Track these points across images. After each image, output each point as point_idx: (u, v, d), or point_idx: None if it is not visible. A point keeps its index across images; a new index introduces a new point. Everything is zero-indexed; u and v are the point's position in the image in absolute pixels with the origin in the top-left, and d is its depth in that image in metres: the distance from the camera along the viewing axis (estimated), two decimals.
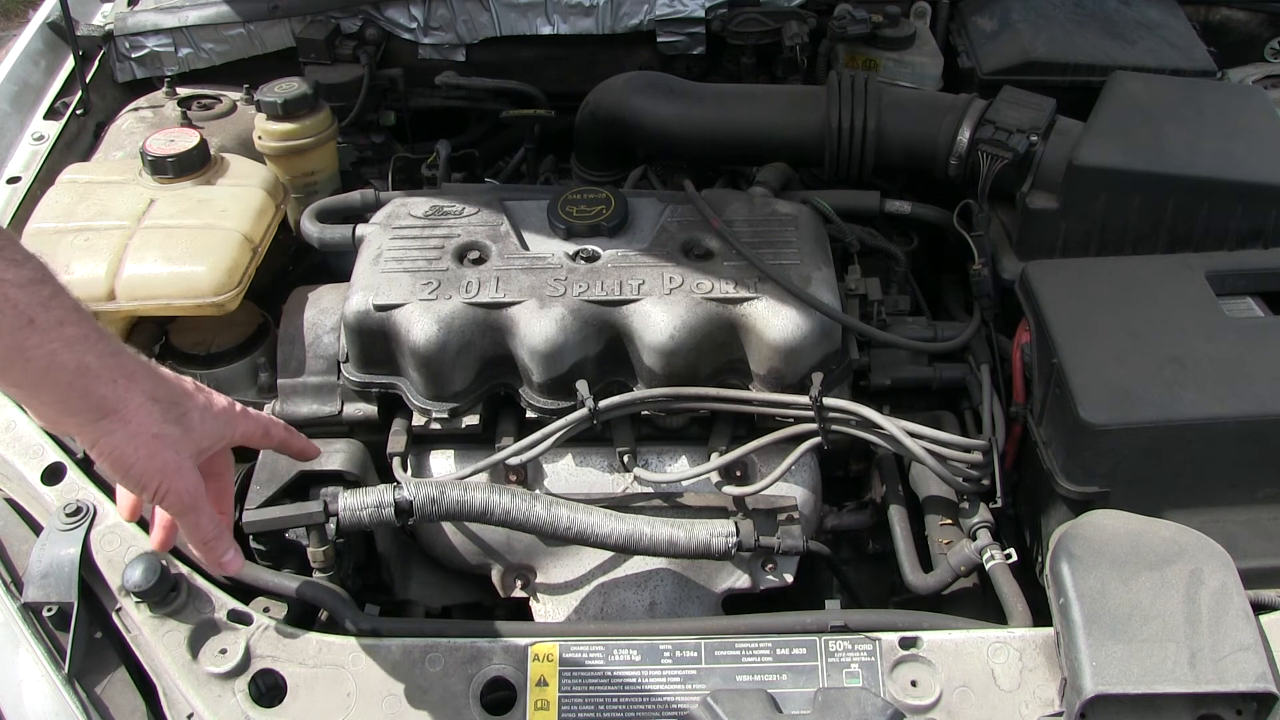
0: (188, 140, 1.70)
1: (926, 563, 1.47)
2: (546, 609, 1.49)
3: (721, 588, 1.49)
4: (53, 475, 1.40)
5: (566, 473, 1.53)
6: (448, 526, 1.52)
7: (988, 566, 1.39)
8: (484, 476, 1.48)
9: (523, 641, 1.25)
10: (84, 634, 1.30)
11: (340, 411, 1.56)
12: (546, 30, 2.20)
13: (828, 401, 1.44)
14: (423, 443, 1.55)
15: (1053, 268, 1.52)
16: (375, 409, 1.56)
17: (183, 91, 2.11)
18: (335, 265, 1.76)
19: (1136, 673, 1.13)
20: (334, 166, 1.97)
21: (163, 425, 1.01)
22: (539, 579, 1.51)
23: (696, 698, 1.20)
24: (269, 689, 1.23)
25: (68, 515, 1.33)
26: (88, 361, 0.96)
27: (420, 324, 1.43)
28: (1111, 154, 1.59)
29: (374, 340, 1.48)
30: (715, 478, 1.50)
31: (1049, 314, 1.41)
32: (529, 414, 1.50)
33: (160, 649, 1.24)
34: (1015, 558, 1.39)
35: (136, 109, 2.06)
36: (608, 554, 1.48)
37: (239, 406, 1.14)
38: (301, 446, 1.25)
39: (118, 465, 0.99)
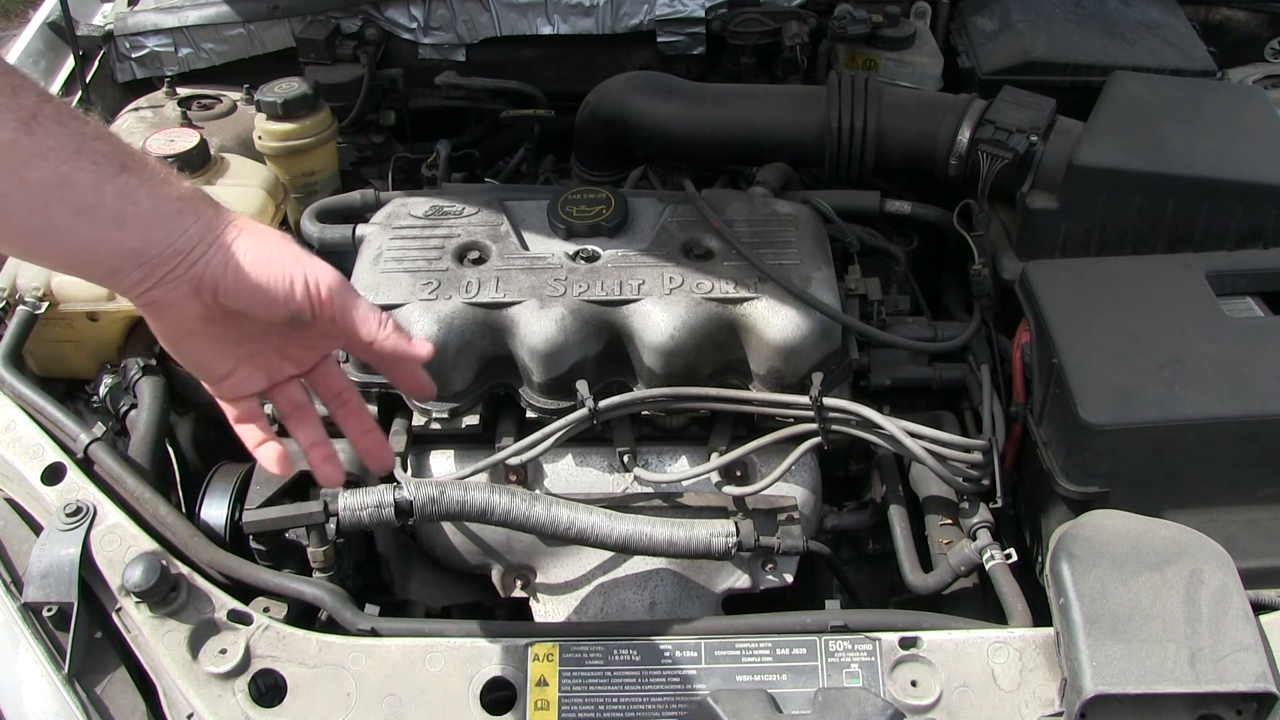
0: (188, 140, 1.70)
1: (926, 563, 1.47)
2: (546, 609, 1.49)
3: (721, 588, 1.49)
4: (53, 475, 1.40)
5: (566, 473, 1.53)
6: (448, 526, 1.52)
7: (988, 566, 1.39)
8: (484, 476, 1.48)
9: (523, 641, 1.25)
10: (84, 634, 1.30)
11: None
12: (546, 30, 2.20)
13: (828, 401, 1.44)
14: (423, 443, 1.55)
15: (1053, 268, 1.52)
16: (375, 409, 1.56)
17: (183, 91, 2.11)
18: (335, 265, 1.74)
19: (1136, 673, 1.13)
20: (334, 166, 1.98)
21: (277, 231, 0.98)
22: (539, 579, 1.51)
23: (696, 698, 1.20)
24: (269, 689, 1.23)
25: (68, 515, 1.33)
26: (187, 189, 0.95)
27: (420, 324, 1.43)
28: (1111, 154, 1.59)
29: None
30: (715, 478, 1.50)
31: (1049, 314, 1.41)
32: (529, 414, 1.50)
33: (160, 649, 1.24)
34: (1015, 558, 1.39)
35: (136, 109, 2.06)
36: (608, 554, 1.48)
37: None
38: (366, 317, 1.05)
39: (253, 263, 0.93)
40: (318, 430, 1.09)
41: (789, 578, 1.49)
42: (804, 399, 1.44)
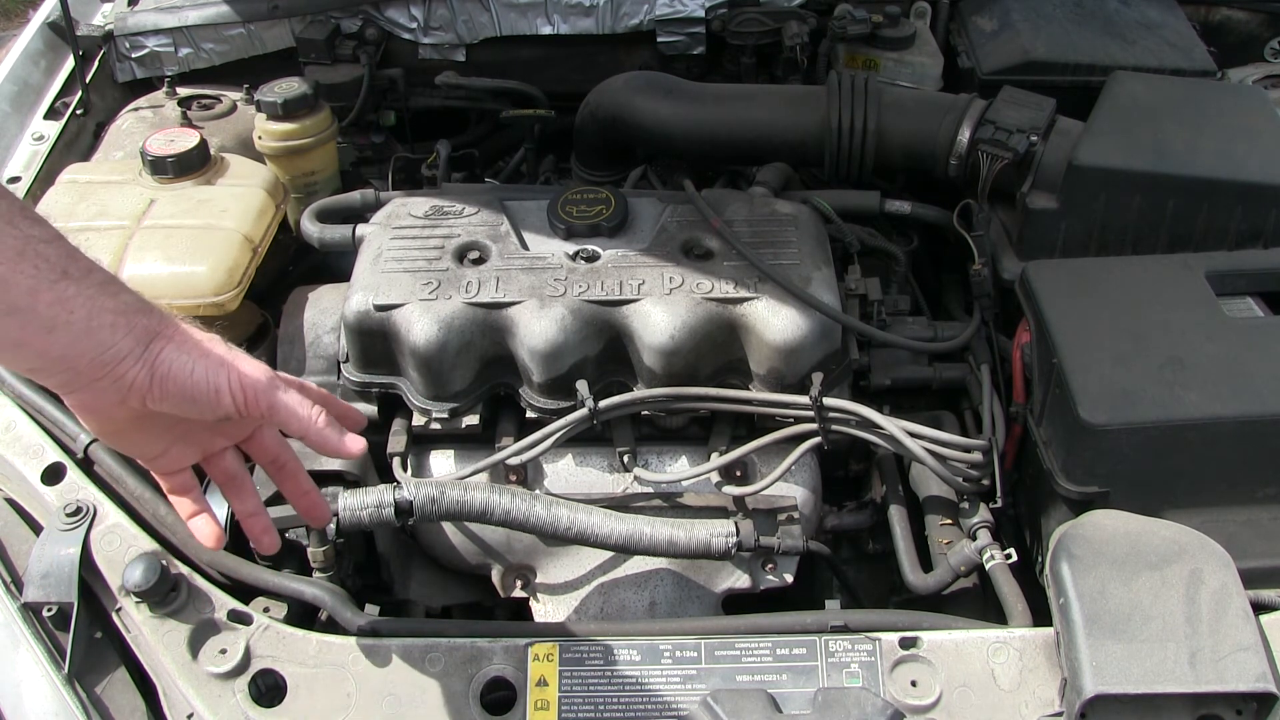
0: (188, 140, 1.70)
1: (926, 563, 1.47)
2: (546, 609, 1.49)
3: (721, 588, 1.49)
4: (53, 475, 1.40)
5: (566, 473, 1.53)
6: (448, 526, 1.52)
7: (988, 566, 1.39)
8: (484, 476, 1.48)
9: (523, 641, 1.25)
10: (84, 634, 1.30)
11: None
12: (546, 30, 2.20)
13: (828, 401, 1.44)
14: (423, 443, 1.55)
15: (1053, 268, 1.52)
16: (375, 409, 1.56)
17: (183, 91, 2.11)
18: (335, 265, 1.76)
19: (1136, 673, 1.13)
20: (334, 166, 1.98)
21: (206, 335, 0.99)
22: (539, 579, 1.51)
23: (696, 698, 1.20)
24: (269, 689, 1.23)
25: (68, 515, 1.33)
26: (125, 299, 0.94)
27: (420, 324, 1.43)
28: (1111, 154, 1.59)
29: (374, 340, 1.48)
30: (715, 478, 1.50)
31: (1049, 314, 1.41)
32: (529, 414, 1.50)
33: (160, 649, 1.24)
34: (1015, 558, 1.39)
35: (136, 109, 2.06)
36: (608, 554, 1.48)
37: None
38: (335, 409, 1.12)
39: (178, 376, 0.95)
40: (253, 500, 1.11)
41: (789, 578, 1.49)
42: (804, 399, 1.44)
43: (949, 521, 1.50)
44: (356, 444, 1.05)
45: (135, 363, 0.94)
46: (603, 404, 1.44)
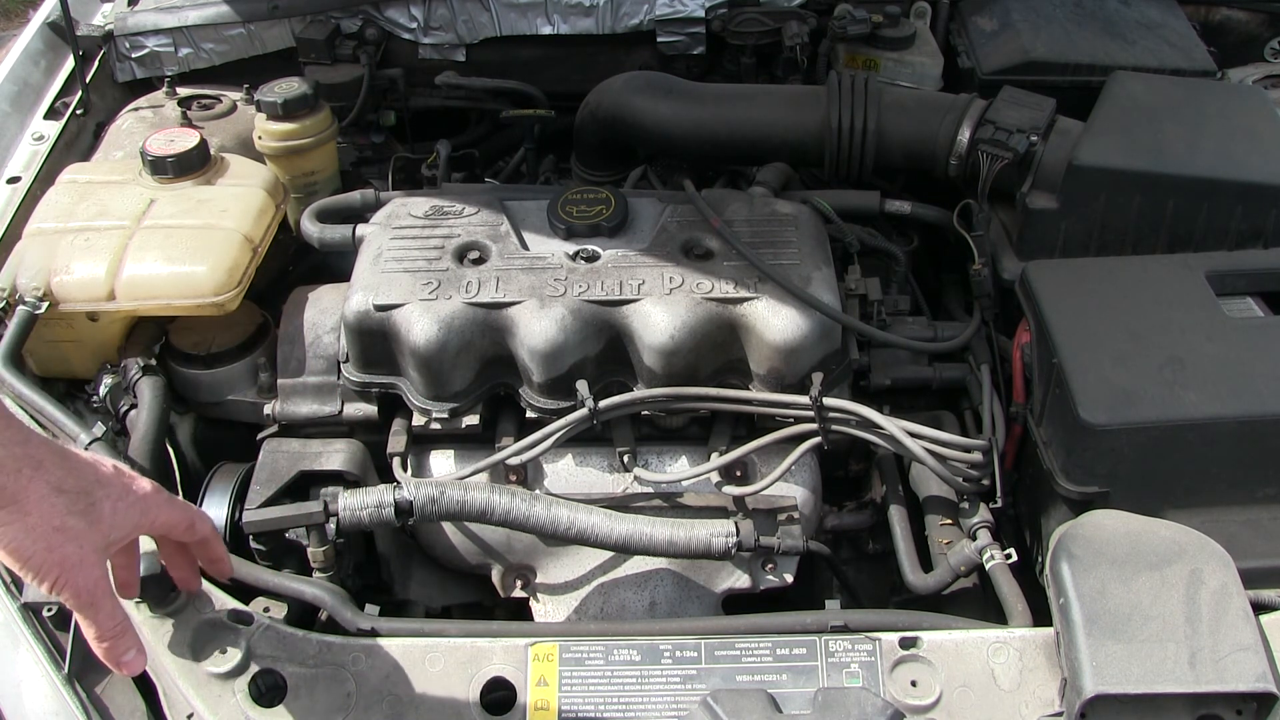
0: (188, 140, 1.70)
1: (926, 563, 1.47)
2: (546, 609, 1.49)
3: (721, 588, 1.49)
4: None
5: (566, 473, 1.53)
6: (448, 526, 1.52)
7: (988, 566, 1.39)
8: (484, 476, 1.48)
9: (523, 641, 1.25)
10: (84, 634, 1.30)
11: (340, 411, 1.56)
12: (546, 30, 2.21)
13: (828, 401, 1.44)
14: (423, 443, 1.55)
15: (1053, 268, 1.52)
16: (375, 409, 1.56)
17: (183, 91, 2.11)
18: (335, 265, 1.76)
19: (1136, 673, 1.13)
20: (334, 166, 1.98)
21: (66, 518, 0.98)
22: (539, 579, 1.51)
23: (696, 698, 1.20)
24: (269, 689, 1.23)
25: None
26: None
27: (420, 324, 1.43)
28: (1111, 154, 1.59)
29: (374, 340, 1.48)
30: (715, 478, 1.50)
31: (1049, 314, 1.41)
32: (529, 414, 1.50)
33: (160, 649, 1.24)
34: (1015, 558, 1.39)
35: (136, 109, 2.06)
36: (608, 554, 1.48)
37: (164, 495, 1.10)
38: (219, 557, 1.20)
39: (15, 557, 0.96)
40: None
41: (789, 578, 1.49)
42: (804, 399, 1.44)
43: (949, 521, 1.50)
44: (133, 667, 1.06)
45: None
46: (603, 404, 1.44)
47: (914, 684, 1.22)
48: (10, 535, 0.95)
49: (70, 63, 2.12)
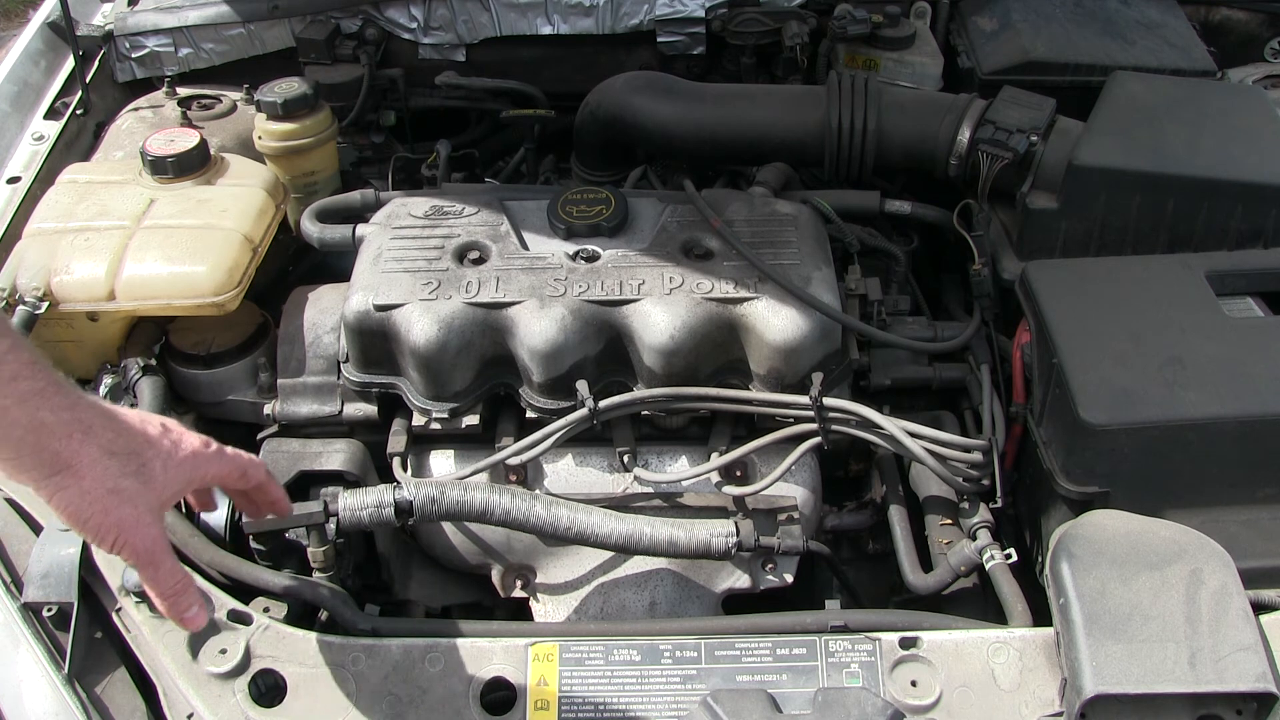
0: (188, 140, 1.70)
1: (926, 563, 1.47)
2: (546, 609, 1.49)
3: (721, 588, 1.49)
4: None
5: (566, 473, 1.53)
6: (448, 526, 1.52)
7: (988, 566, 1.39)
8: (484, 476, 1.48)
9: (523, 641, 1.25)
10: (84, 634, 1.30)
11: (340, 411, 1.56)
12: (546, 30, 2.20)
13: (828, 401, 1.44)
14: (423, 443, 1.55)
15: (1053, 268, 1.52)
16: (375, 409, 1.56)
17: (183, 91, 2.11)
18: (335, 265, 1.76)
19: (1136, 673, 1.13)
20: (334, 166, 1.98)
21: (119, 479, 0.99)
22: (539, 579, 1.51)
23: (696, 698, 1.20)
24: (269, 689, 1.23)
25: None
26: (41, 417, 0.95)
27: (420, 324, 1.43)
28: (1111, 154, 1.59)
29: (374, 340, 1.48)
30: (715, 478, 1.50)
31: (1049, 314, 1.41)
32: (529, 414, 1.50)
33: (160, 649, 1.24)
34: (1015, 558, 1.39)
35: (136, 109, 2.06)
36: (608, 554, 1.48)
37: (214, 447, 1.11)
38: (276, 499, 1.22)
39: (73, 520, 0.98)
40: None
41: (789, 578, 1.49)
42: (804, 399, 1.44)
43: (949, 521, 1.50)
44: (195, 623, 1.08)
45: (45, 485, 0.98)
46: (603, 404, 1.44)
47: (914, 684, 1.22)
48: (67, 499, 0.97)
49: (70, 63, 2.12)
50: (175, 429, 1.08)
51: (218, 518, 1.43)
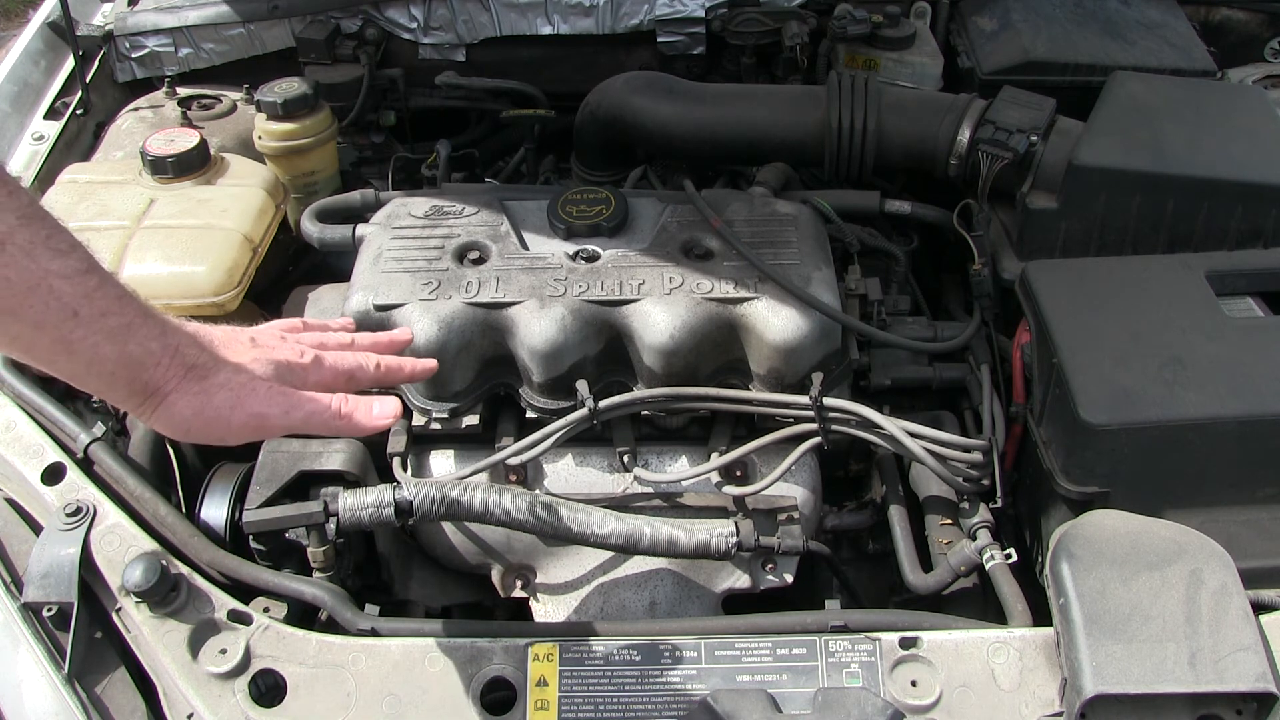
0: (188, 140, 1.70)
1: (926, 563, 1.47)
2: (546, 609, 1.49)
3: (721, 588, 1.49)
4: (53, 475, 1.40)
5: (566, 473, 1.53)
6: (448, 526, 1.52)
7: (988, 566, 1.39)
8: (484, 476, 1.48)
9: (523, 641, 1.25)
10: (84, 634, 1.30)
11: None
12: (546, 30, 2.21)
13: (828, 401, 1.44)
14: (423, 443, 1.55)
15: (1053, 268, 1.52)
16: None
17: (183, 91, 2.11)
18: (335, 265, 1.76)
19: (1136, 673, 1.13)
20: (334, 166, 1.98)
21: (201, 384, 1.00)
22: (539, 579, 1.51)
23: (696, 698, 1.20)
24: (269, 689, 1.23)
25: (68, 515, 1.33)
26: (130, 350, 0.96)
27: (420, 324, 1.43)
28: (1111, 154, 1.59)
29: None
30: (715, 478, 1.50)
31: (1049, 314, 1.41)
32: (529, 414, 1.50)
33: (160, 649, 1.24)
34: (1015, 558, 1.39)
35: (136, 109, 2.06)
36: (608, 554, 1.48)
37: (311, 357, 1.10)
38: (413, 370, 1.20)
39: (178, 431, 1.00)
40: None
41: (789, 578, 1.49)
42: (804, 399, 1.44)
43: (949, 521, 1.50)
44: (384, 418, 1.08)
45: (140, 410, 0.98)
46: (603, 404, 1.44)
47: (914, 684, 1.22)
48: (163, 419, 0.99)
49: (70, 63, 2.12)
50: (265, 340, 1.09)
51: (218, 518, 1.44)
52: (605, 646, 1.25)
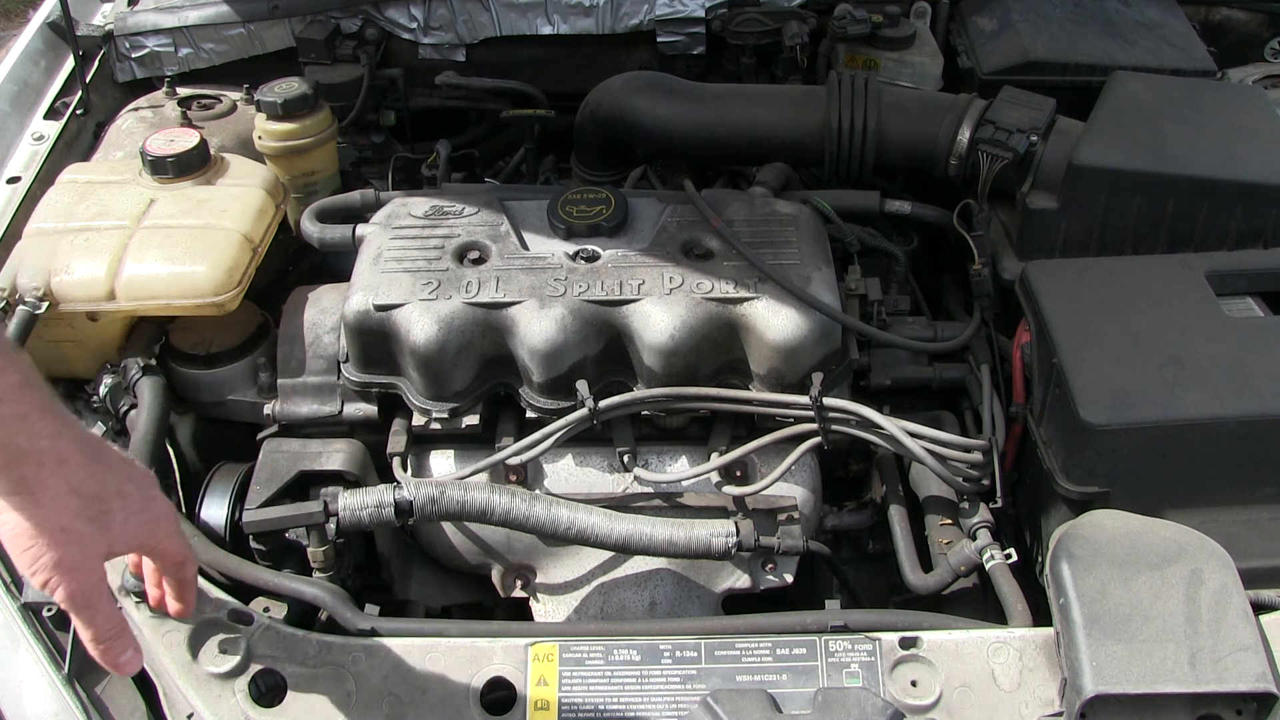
0: (188, 140, 1.70)
1: (926, 563, 1.47)
2: (546, 609, 1.49)
3: (721, 588, 1.49)
4: None
5: (566, 473, 1.53)
6: (448, 526, 1.52)
7: (988, 566, 1.39)
8: (484, 476, 1.48)
9: (523, 641, 1.25)
10: None
11: (340, 411, 1.56)
12: (546, 30, 2.20)
13: (828, 401, 1.44)
14: (423, 443, 1.55)
15: (1053, 268, 1.52)
16: (375, 409, 1.56)
17: (183, 91, 2.11)
18: (335, 265, 1.76)
19: (1136, 673, 1.13)
20: (334, 166, 1.97)
21: (74, 520, 0.98)
22: (539, 579, 1.51)
23: (696, 698, 1.20)
24: (269, 689, 1.23)
25: None
26: (17, 442, 0.94)
27: (420, 324, 1.43)
28: (1111, 154, 1.59)
29: (374, 340, 1.48)
30: (715, 478, 1.50)
31: (1049, 314, 1.41)
32: (529, 414, 1.50)
33: (160, 649, 1.24)
34: (1015, 558, 1.39)
35: (136, 109, 2.06)
36: (608, 554, 1.48)
37: (175, 525, 1.09)
38: (186, 602, 1.16)
39: (14, 545, 0.96)
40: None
41: (789, 578, 1.49)
42: (804, 399, 1.44)
43: (949, 521, 1.50)
44: (129, 668, 1.05)
45: None
46: (603, 404, 1.44)
47: (914, 684, 1.22)
48: (14, 523, 0.96)
49: (70, 63, 2.12)
50: (153, 490, 1.06)
51: (218, 518, 1.44)
52: (605, 646, 1.25)
